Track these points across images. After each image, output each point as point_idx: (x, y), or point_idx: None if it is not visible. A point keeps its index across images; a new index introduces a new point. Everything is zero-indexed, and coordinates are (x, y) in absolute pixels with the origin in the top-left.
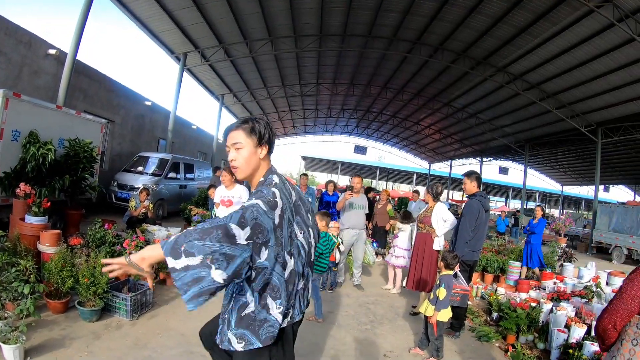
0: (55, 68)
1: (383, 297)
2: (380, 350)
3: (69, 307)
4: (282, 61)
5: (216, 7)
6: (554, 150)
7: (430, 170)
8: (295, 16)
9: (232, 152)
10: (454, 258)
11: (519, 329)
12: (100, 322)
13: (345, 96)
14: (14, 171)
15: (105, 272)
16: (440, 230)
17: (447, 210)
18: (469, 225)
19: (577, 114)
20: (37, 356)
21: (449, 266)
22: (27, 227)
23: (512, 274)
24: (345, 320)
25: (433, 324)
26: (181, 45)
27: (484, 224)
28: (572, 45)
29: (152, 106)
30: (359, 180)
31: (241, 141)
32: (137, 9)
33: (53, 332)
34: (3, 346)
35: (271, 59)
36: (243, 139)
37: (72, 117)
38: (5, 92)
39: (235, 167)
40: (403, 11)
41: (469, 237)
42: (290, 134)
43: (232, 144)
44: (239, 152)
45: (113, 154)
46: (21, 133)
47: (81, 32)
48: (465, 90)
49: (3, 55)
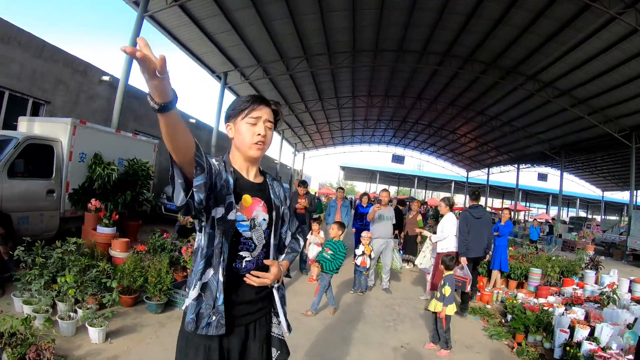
0: (109, 92)
1: (408, 300)
2: (399, 343)
3: (137, 302)
4: (318, 77)
5: (253, 30)
6: (592, 156)
7: (468, 178)
8: (328, 35)
9: (261, 127)
10: (451, 260)
11: (528, 329)
12: (164, 314)
13: (381, 107)
14: (81, 188)
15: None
16: (435, 237)
17: (451, 224)
18: (461, 230)
19: (610, 119)
20: (115, 338)
21: (448, 268)
22: (99, 236)
23: (533, 280)
24: (372, 318)
25: (442, 318)
26: (221, 65)
27: (477, 229)
28: (600, 50)
29: (196, 123)
30: (387, 194)
31: (272, 122)
32: (180, 34)
33: (126, 320)
34: (89, 328)
35: (307, 75)
36: (273, 119)
37: (129, 140)
38: (73, 121)
39: (263, 144)
40: (431, 25)
41: (465, 239)
42: (328, 145)
43: (266, 119)
44: (269, 131)
45: (161, 168)
46: (87, 155)
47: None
48: (497, 99)
49: (62, 83)
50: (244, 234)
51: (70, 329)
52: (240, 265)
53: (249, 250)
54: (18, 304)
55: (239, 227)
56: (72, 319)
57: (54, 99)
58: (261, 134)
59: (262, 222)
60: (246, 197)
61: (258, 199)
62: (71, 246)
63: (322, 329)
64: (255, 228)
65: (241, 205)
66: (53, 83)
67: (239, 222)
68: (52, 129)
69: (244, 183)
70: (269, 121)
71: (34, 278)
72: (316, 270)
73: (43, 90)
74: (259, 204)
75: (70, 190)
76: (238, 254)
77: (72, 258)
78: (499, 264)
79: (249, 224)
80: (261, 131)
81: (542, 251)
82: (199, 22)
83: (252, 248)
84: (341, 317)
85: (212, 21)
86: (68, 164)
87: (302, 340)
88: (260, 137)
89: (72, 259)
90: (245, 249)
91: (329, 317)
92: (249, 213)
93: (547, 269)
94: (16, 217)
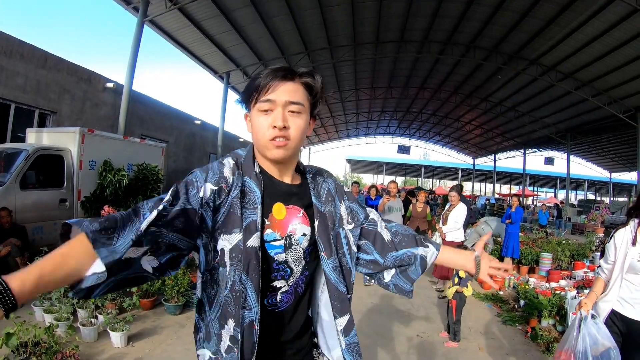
0: (113, 99)
1: (423, 289)
2: (414, 332)
3: (155, 305)
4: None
5: (253, 28)
6: (598, 138)
7: (475, 165)
8: (328, 29)
9: (279, 114)
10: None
11: (540, 314)
12: (182, 315)
13: (384, 99)
14: (93, 195)
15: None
16: (447, 227)
17: (462, 214)
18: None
19: (615, 100)
20: (137, 341)
21: None
22: None
23: (544, 265)
24: (387, 308)
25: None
26: (223, 65)
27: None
28: (601, 32)
29: (201, 124)
30: (395, 186)
31: (303, 103)
32: (181, 37)
33: (146, 323)
34: (111, 333)
35: None
36: (304, 99)
37: (137, 145)
38: (81, 130)
39: (285, 139)
40: (431, 14)
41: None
42: (333, 139)
43: (287, 102)
44: (296, 118)
45: (169, 171)
46: (96, 162)
47: (134, 65)
48: (501, 85)
49: (67, 92)
50: (277, 257)
51: (92, 335)
52: (275, 300)
53: (285, 278)
54: (39, 314)
55: (270, 249)
56: (94, 324)
57: (59, 109)
58: (278, 126)
59: (302, 238)
60: (278, 206)
61: (296, 207)
62: None
63: None
64: (292, 248)
65: (271, 218)
66: (58, 93)
67: (269, 243)
68: (61, 138)
69: (273, 188)
70: (292, 103)
71: None
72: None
73: (49, 101)
74: (296, 214)
75: (82, 198)
76: (271, 284)
77: None
78: (512, 251)
79: (284, 243)
80: (278, 122)
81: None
82: (199, 23)
83: (288, 275)
84: (356, 309)
85: (212, 22)
86: (79, 172)
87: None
88: (276, 130)
89: None
90: (280, 277)
91: None
92: (284, 229)
93: (558, 253)
94: (30, 228)
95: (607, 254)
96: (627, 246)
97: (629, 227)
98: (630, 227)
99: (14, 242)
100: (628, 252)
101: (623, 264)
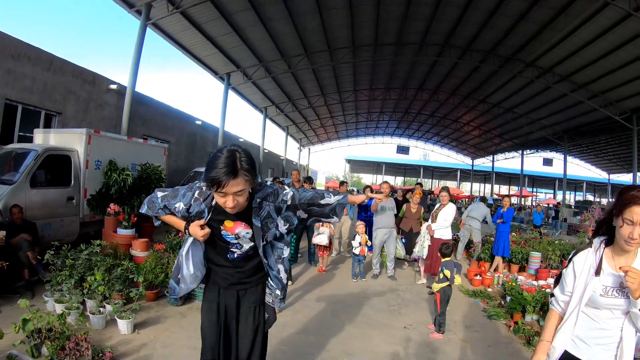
0: (117, 100)
1: (413, 285)
2: (402, 324)
3: (159, 296)
4: (319, 73)
5: (254, 31)
6: (595, 139)
7: (474, 166)
8: (327, 32)
9: (230, 200)
10: (447, 249)
11: (525, 310)
12: (184, 306)
13: (383, 100)
14: (98, 194)
15: None
16: (436, 225)
17: (451, 213)
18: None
19: (610, 102)
20: (142, 329)
21: (444, 255)
22: (120, 237)
23: (533, 263)
24: (378, 303)
25: (437, 300)
26: (224, 66)
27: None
28: (596, 35)
29: (202, 125)
30: (387, 186)
31: (244, 188)
32: (183, 39)
33: (150, 313)
34: (119, 321)
35: (309, 72)
36: (245, 184)
37: (140, 145)
38: (87, 131)
39: (236, 206)
40: (428, 17)
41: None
42: (333, 139)
43: (235, 192)
44: (240, 197)
45: (170, 170)
46: (102, 162)
47: (137, 67)
48: (498, 87)
49: (72, 94)
50: (232, 241)
51: (101, 322)
52: (233, 257)
53: (238, 249)
54: (50, 303)
55: (226, 237)
56: (102, 313)
57: (65, 110)
58: (230, 206)
59: (246, 234)
60: (227, 222)
61: (239, 222)
62: (96, 248)
63: (329, 313)
64: (240, 238)
65: (225, 226)
66: (63, 94)
67: (226, 237)
68: (68, 139)
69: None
70: (238, 192)
71: (65, 279)
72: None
73: (54, 102)
74: (239, 225)
75: (88, 197)
76: (230, 250)
77: (98, 259)
78: (502, 250)
79: (234, 236)
80: (229, 205)
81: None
82: (200, 26)
83: (240, 247)
84: (347, 302)
85: (213, 25)
86: (85, 171)
87: (312, 323)
88: (229, 208)
89: (98, 259)
90: (234, 249)
91: (337, 302)
92: (232, 231)
93: (548, 253)
94: (40, 224)
95: (564, 283)
96: (589, 276)
97: (591, 250)
98: (594, 250)
99: (25, 238)
100: (589, 283)
101: (582, 297)
